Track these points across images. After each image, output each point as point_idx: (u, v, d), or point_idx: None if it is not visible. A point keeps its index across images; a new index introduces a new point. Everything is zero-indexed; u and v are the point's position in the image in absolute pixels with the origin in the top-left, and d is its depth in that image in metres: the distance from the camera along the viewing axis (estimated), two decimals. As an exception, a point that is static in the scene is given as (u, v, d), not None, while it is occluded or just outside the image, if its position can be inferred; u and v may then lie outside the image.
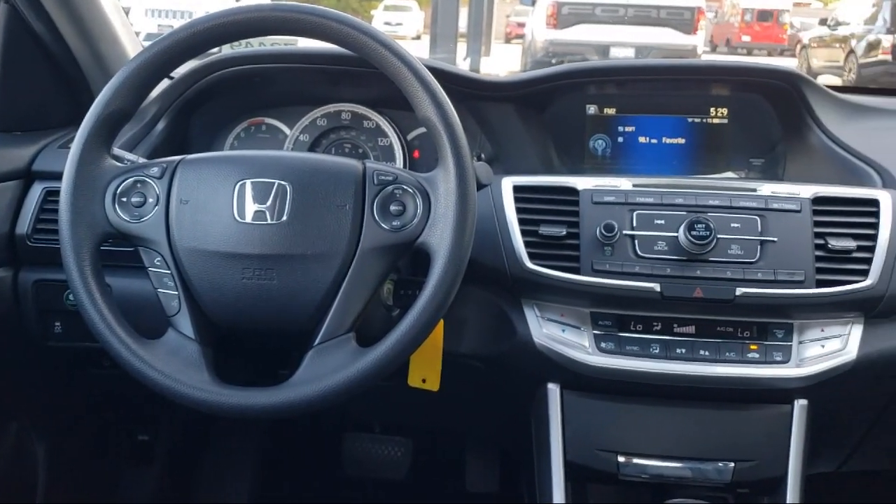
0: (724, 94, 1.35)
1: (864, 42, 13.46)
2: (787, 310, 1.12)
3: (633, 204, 1.15)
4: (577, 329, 1.17)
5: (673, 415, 1.20)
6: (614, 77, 1.36)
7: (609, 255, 1.12)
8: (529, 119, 1.35)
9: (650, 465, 1.20)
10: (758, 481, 1.19)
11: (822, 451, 1.31)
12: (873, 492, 1.70)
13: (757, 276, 1.09)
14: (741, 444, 1.19)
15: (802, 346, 1.13)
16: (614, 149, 1.37)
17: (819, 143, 1.29)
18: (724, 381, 1.13)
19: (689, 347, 1.14)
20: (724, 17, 20.95)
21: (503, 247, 1.15)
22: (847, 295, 1.09)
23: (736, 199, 1.14)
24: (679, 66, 1.37)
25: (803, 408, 1.17)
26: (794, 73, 1.30)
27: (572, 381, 1.19)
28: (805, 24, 19.28)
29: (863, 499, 1.71)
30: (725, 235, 1.11)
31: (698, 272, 1.10)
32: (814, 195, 1.13)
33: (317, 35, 1.01)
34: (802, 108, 1.30)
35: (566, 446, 1.20)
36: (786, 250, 1.10)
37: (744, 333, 1.14)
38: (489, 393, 1.37)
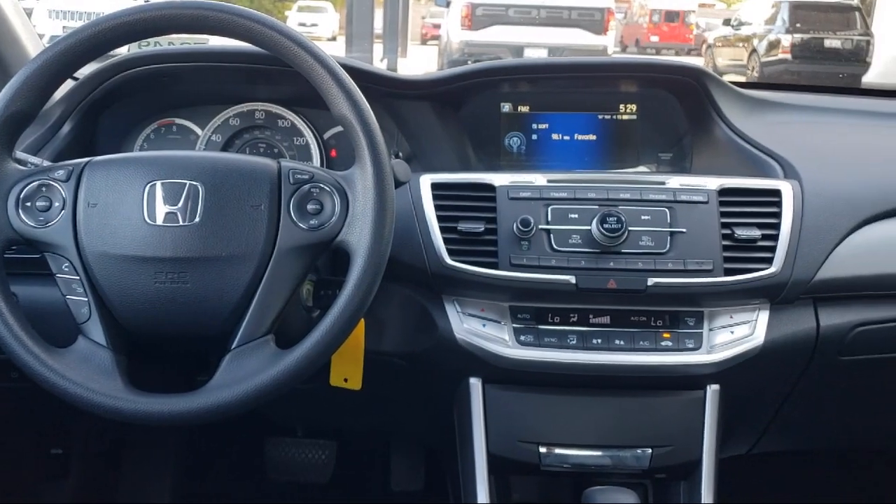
0: (632, 91, 1.38)
1: (765, 41, 14.02)
2: (697, 298, 1.15)
3: (548, 199, 1.17)
4: (497, 323, 1.18)
5: (591, 404, 1.22)
6: (527, 75, 1.38)
7: (526, 249, 1.14)
8: (446, 117, 1.36)
9: (571, 454, 1.22)
10: (674, 466, 1.23)
11: (735, 435, 1.36)
12: (782, 472, 1.78)
13: (667, 267, 1.13)
14: (657, 430, 1.22)
15: (713, 332, 1.17)
16: (529, 146, 1.39)
17: (724, 136, 1.33)
18: (639, 369, 1.16)
19: (604, 337, 1.17)
20: (633, 18, 21.48)
21: (423, 244, 1.15)
22: (753, 282, 1.13)
23: (646, 192, 1.17)
24: (589, 63, 1.40)
25: (715, 393, 1.21)
26: (698, 69, 1.34)
27: (493, 374, 1.21)
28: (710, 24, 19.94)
29: (773, 480, 1.78)
30: (636, 228, 1.14)
31: (611, 264, 1.13)
32: (720, 187, 1.17)
33: (227, 33, 0.99)
34: (707, 103, 1.34)
35: (489, 439, 1.22)
36: (694, 240, 1.14)
37: (657, 322, 1.17)
38: (412, 390, 1.38)
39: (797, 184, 1.19)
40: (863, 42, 13.45)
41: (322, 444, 1.85)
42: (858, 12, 14.07)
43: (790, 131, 1.37)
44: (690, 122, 1.36)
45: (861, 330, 1.22)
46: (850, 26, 13.60)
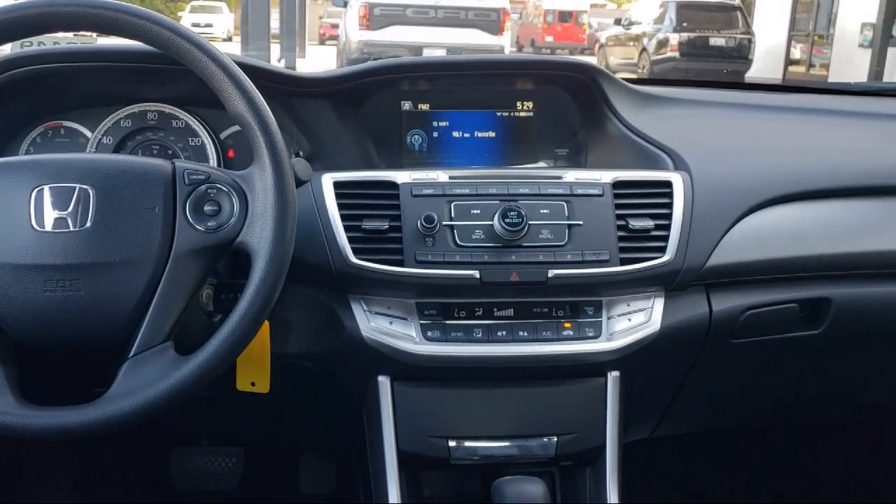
0: (528, 89, 1.41)
1: (654, 40, 14.52)
2: (595, 288, 1.19)
3: (451, 195, 1.18)
4: (404, 320, 1.19)
5: (498, 396, 1.24)
6: (426, 73, 1.39)
7: (430, 245, 1.15)
8: (346, 115, 1.36)
9: (480, 447, 1.23)
10: (579, 453, 1.26)
11: (636, 420, 1.41)
12: (681, 455, 1.85)
13: (567, 258, 1.15)
14: (562, 418, 1.25)
15: (611, 321, 1.21)
16: (430, 143, 1.40)
17: (616, 131, 1.37)
18: (543, 359, 1.19)
19: (509, 330, 1.19)
20: (529, 19, 21.88)
21: (327, 243, 1.14)
22: (648, 271, 1.17)
23: (544, 186, 1.20)
24: (486, 61, 1.42)
25: (616, 379, 1.25)
26: (591, 67, 1.38)
27: (402, 371, 1.21)
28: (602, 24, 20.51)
29: (673, 462, 1.85)
30: (536, 221, 1.16)
31: (514, 257, 1.15)
32: (614, 180, 1.21)
33: (115, 31, 0.96)
34: (600, 99, 1.38)
35: (398, 437, 1.22)
36: (591, 232, 1.17)
37: (558, 313, 1.20)
38: (320, 392, 1.37)
39: (686, 175, 1.24)
40: (745, 40, 14.12)
41: (229, 452, 1.82)
42: (740, 12, 14.76)
43: (679, 125, 1.42)
44: (584, 118, 1.40)
45: (750, 313, 1.28)
46: (732, 25, 14.24)
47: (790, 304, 1.30)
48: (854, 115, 1.59)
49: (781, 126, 1.52)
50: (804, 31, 15.78)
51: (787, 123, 1.53)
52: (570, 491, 1.32)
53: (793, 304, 1.30)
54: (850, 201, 1.33)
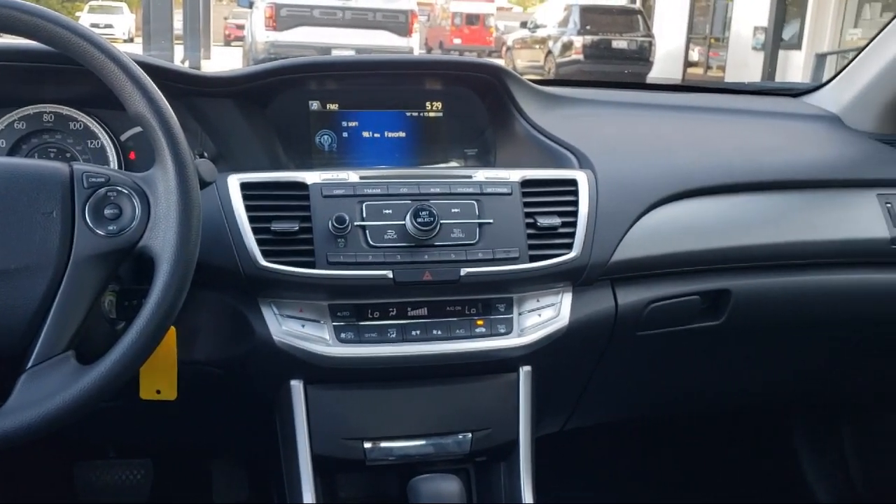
0: (437, 89, 1.42)
1: (559, 43, 14.83)
2: (506, 285, 1.20)
3: (362, 195, 1.17)
4: (316, 323, 1.17)
5: (413, 395, 1.25)
6: (333, 72, 1.38)
7: (342, 246, 1.14)
8: (252, 115, 1.33)
9: (395, 446, 1.23)
10: (493, 448, 1.27)
11: (548, 413, 1.43)
12: (593, 446, 1.90)
13: (478, 256, 1.17)
14: (477, 414, 1.26)
15: (522, 317, 1.23)
16: (340, 143, 1.39)
17: (523, 130, 1.39)
18: (457, 356, 1.20)
19: (423, 328, 1.19)
20: (437, 21, 21.99)
21: (234, 246, 1.12)
22: (556, 267, 1.20)
23: (454, 186, 1.20)
24: (394, 61, 1.42)
25: (528, 374, 1.27)
26: (497, 67, 1.40)
27: (315, 375, 1.20)
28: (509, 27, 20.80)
29: (585, 453, 1.90)
30: (448, 220, 1.17)
31: (426, 257, 1.15)
32: (522, 178, 1.23)
33: (9, 29, 0.92)
34: (507, 99, 1.40)
35: (312, 440, 1.21)
36: (501, 230, 1.19)
37: (471, 310, 1.21)
38: (231, 398, 1.34)
39: (591, 173, 1.27)
40: (645, 43, 14.58)
41: (137, 464, 1.76)
42: (641, 15, 15.23)
43: (583, 124, 1.45)
44: (492, 118, 1.42)
45: (654, 306, 1.32)
46: (634, 28, 14.68)
47: (692, 297, 1.34)
48: (748, 113, 1.66)
49: (681, 125, 1.57)
50: (701, 34, 16.42)
51: (687, 122, 1.59)
52: (485, 486, 1.33)
53: (694, 297, 1.35)
54: (747, 196, 1.39)
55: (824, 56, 11.09)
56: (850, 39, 12.18)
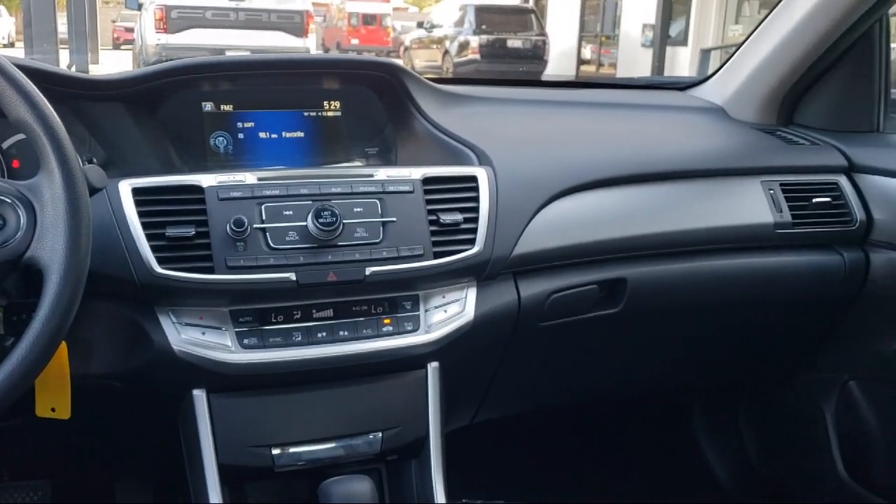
0: (334, 88, 1.41)
1: (456, 43, 14.96)
2: (412, 282, 1.21)
3: (261, 197, 1.15)
4: (217, 329, 1.15)
5: (321, 398, 1.23)
6: (227, 72, 1.35)
7: (242, 250, 1.11)
8: (142, 119, 1.29)
9: (304, 451, 1.22)
10: (404, 446, 1.28)
11: (457, 407, 1.44)
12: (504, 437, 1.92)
13: (382, 255, 1.16)
14: (386, 413, 1.26)
15: (428, 313, 1.23)
16: (236, 145, 1.36)
17: (423, 128, 1.40)
18: (365, 356, 1.19)
19: (329, 330, 1.18)
20: (333, 22, 21.80)
21: (128, 254, 1.08)
22: (460, 263, 1.21)
23: (356, 185, 1.20)
24: (289, 60, 1.40)
25: (435, 370, 1.27)
26: (394, 66, 1.40)
27: (218, 383, 1.17)
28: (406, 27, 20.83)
29: (496, 445, 1.92)
30: (351, 220, 1.16)
31: (330, 257, 1.14)
32: (423, 176, 1.23)
33: None
34: (405, 97, 1.40)
35: (218, 450, 1.18)
36: (405, 228, 1.19)
37: (377, 309, 1.21)
38: (131, 412, 1.29)
39: (490, 169, 1.28)
40: (539, 41, 14.88)
41: (34, 486, 1.68)
42: (534, 14, 15.52)
43: (482, 121, 1.47)
44: (391, 117, 1.42)
45: (555, 297, 1.35)
46: (527, 28, 14.95)
47: (590, 286, 1.38)
48: (639, 107, 1.72)
49: (576, 120, 1.61)
50: (593, 32, 16.85)
51: (581, 117, 1.63)
52: (396, 484, 1.33)
53: (593, 286, 1.38)
54: (640, 187, 1.43)
55: (709, 51, 11.59)
56: (732, 35, 12.76)
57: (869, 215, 1.52)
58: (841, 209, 1.52)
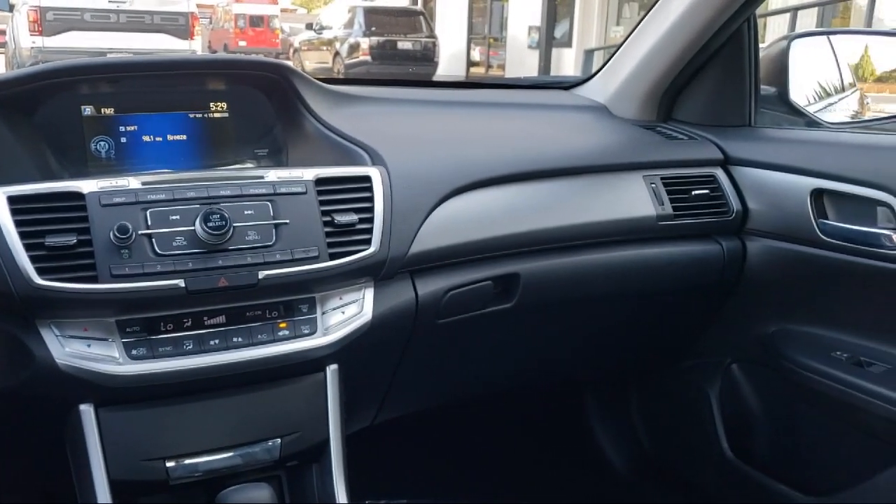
0: (221, 89, 1.38)
1: (346, 44, 14.88)
2: (307, 285, 1.19)
3: (146, 202, 1.11)
4: (104, 341, 1.10)
5: (217, 406, 1.20)
6: (106, 74, 1.30)
7: (127, 258, 1.08)
8: (17, 124, 1.23)
9: (201, 461, 1.19)
10: (304, 451, 1.26)
11: (357, 409, 1.44)
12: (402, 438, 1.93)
13: (276, 258, 1.15)
14: (285, 419, 1.24)
15: (326, 315, 1.22)
16: (119, 149, 1.31)
17: (313, 129, 1.39)
18: (260, 362, 1.17)
19: (222, 337, 1.15)
20: (220, 24, 21.29)
21: (4, 265, 1.03)
22: (356, 263, 1.20)
23: (246, 187, 1.18)
24: (172, 61, 1.36)
25: (335, 372, 1.27)
26: (283, 65, 1.38)
27: (107, 396, 1.13)
28: (294, 28, 20.56)
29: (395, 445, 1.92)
30: (241, 223, 1.14)
31: (220, 262, 1.12)
32: (315, 177, 1.22)
33: None
34: (294, 98, 1.38)
35: (108, 466, 1.14)
36: (298, 230, 1.17)
37: (272, 314, 1.19)
38: (13, 432, 1.23)
39: (384, 169, 1.28)
40: (429, 43, 14.97)
41: None
42: (423, 16, 15.59)
43: (374, 121, 1.47)
44: (281, 118, 1.40)
45: (452, 294, 1.36)
46: (417, 29, 15.02)
47: (485, 282, 1.40)
48: (527, 106, 1.75)
49: (466, 119, 1.63)
50: (481, 34, 17.10)
51: (472, 117, 1.65)
52: (298, 490, 1.32)
53: (487, 282, 1.40)
54: (530, 184, 1.47)
55: (592, 52, 11.97)
56: (613, 36, 13.21)
57: (744, 205, 1.60)
58: (718, 200, 1.59)
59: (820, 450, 1.58)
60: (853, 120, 2.02)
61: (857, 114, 2.09)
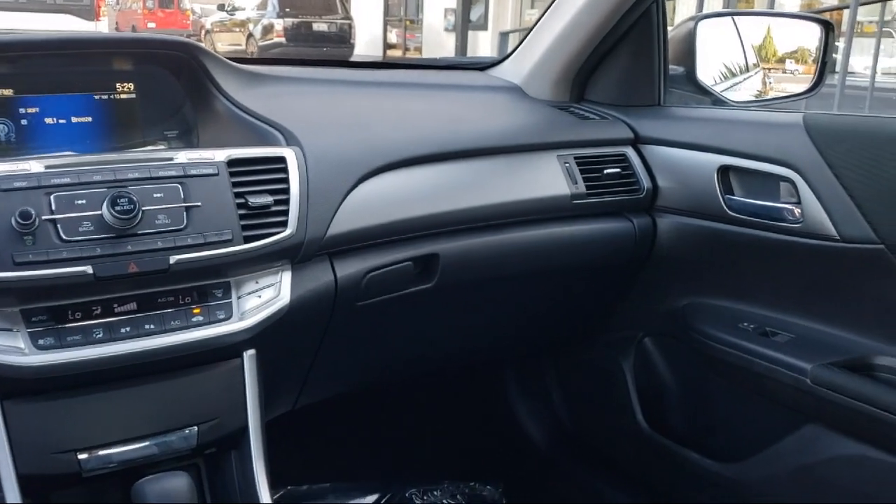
0: (127, 69, 1.33)
1: (260, 26, 14.60)
2: (221, 269, 1.17)
3: (49, 186, 1.07)
4: (7, 332, 1.06)
5: (131, 396, 1.17)
6: (3, 54, 1.24)
7: (30, 244, 1.03)
8: None
9: (115, 452, 1.16)
10: (222, 438, 1.24)
11: (277, 394, 1.42)
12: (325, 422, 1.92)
13: (187, 242, 1.12)
14: (201, 406, 1.22)
15: (241, 300, 1.20)
16: (19, 132, 1.26)
17: (225, 109, 1.36)
18: (174, 349, 1.15)
19: (133, 325, 1.12)
20: (127, 5, 20.59)
21: None
22: (272, 246, 1.18)
23: (155, 169, 1.14)
24: (76, 39, 1.30)
25: (252, 357, 1.25)
26: (191, 44, 1.34)
27: (12, 388, 1.09)
28: (206, 10, 20.06)
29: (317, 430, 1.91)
30: (151, 207, 1.11)
31: (129, 247, 1.09)
32: (228, 158, 1.19)
33: None
34: (204, 78, 1.35)
35: (17, 460, 1.09)
36: (211, 213, 1.15)
37: (185, 299, 1.16)
38: None
39: (299, 150, 1.26)
40: (345, 25, 14.82)
41: None
42: (337, -3, 15.38)
43: (288, 102, 1.45)
44: (191, 98, 1.36)
45: (371, 275, 1.36)
46: (332, 11, 14.84)
47: (405, 263, 1.40)
48: (443, 87, 1.76)
49: (384, 100, 1.62)
50: (397, 16, 17.00)
51: (389, 97, 1.64)
52: (217, 478, 1.30)
53: (407, 263, 1.41)
54: (448, 164, 1.47)
55: (507, 34, 12.05)
56: (528, 19, 13.34)
57: (654, 183, 1.64)
58: (629, 179, 1.63)
59: (730, 418, 1.65)
60: (757, 99, 2.09)
61: (761, 93, 2.16)
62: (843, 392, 1.32)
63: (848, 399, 1.31)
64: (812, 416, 1.41)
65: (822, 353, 1.40)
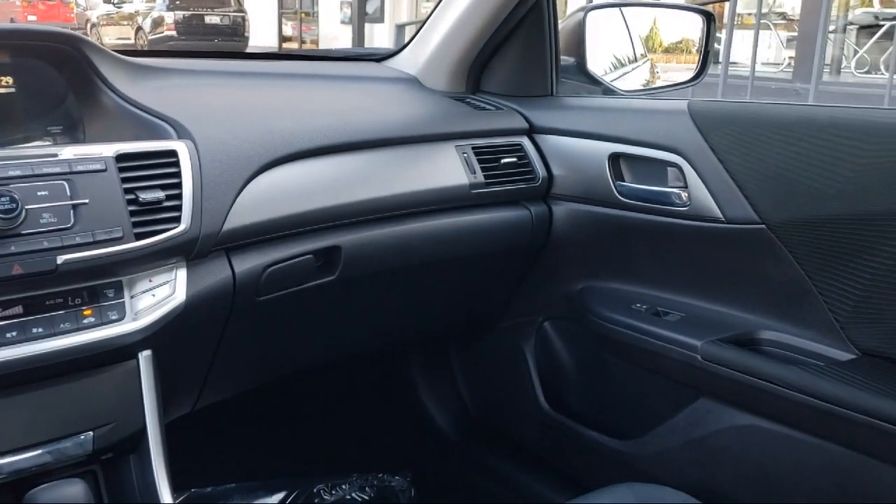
0: (5, 62, 1.27)
1: (149, 19, 14.12)
2: (112, 268, 1.13)
3: None
4: None
5: (20, 402, 1.12)
6: None
7: None
8: None
9: (4, 462, 1.10)
10: (119, 442, 1.20)
11: (177, 395, 1.39)
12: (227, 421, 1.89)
13: (75, 241, 1.08)
14: (97, 411, 1.18)
15: (135, 299, 1.17)
16: None
17: (112, 103, 1.31)
18: (65, 352, 1.10)
19: (20, 329, 1.07)
20: (5, -4, 19.55)
21: None
22: (165, 242, 1.15)
23: (38, 166, 1.10)
24: None
25: (148, 359, 1.21)
26: (74, 36, 1.29)
27: None
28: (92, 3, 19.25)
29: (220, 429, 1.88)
30: (34, 205, 1.06)
31: (13, 248, 1.04)
32: (116, 153, 1.16)
33: None
34: (89, 70, 1.30)
35: None
36: (100, 210, 1.11)
37: (75, 301, 1.12)
38: None
39: (191, 143, 1.23)
40: (238, 18, 14.51)
41: None
42: (230, -9, 15.04)
43: (179, 94, 1.41)
44: (75, 92, 1.31)
45: (271, 270, 1.34)
46: (225, 3, 14.48)
47: (306, 256, 1.39)
48: (339, 78, 1.75)
49: (279, 91, 1.60)
50: (292, 9, 16.75)
51: (284, 89, 1.62)
52: (116, 483, 1.26)
53: (308, 256, 1.39)
54: (346, 156, 1.46)
55: (403, 26, 12.04)
56: (424, 12, 13.36)
57: (549, 172, 1.68)
58: (526, 167, 1.67)
59: (627, 396, 1.71)
60: (645, 88, 2.17)
61: (649, 82, 2.24)
62: (732, 366, 1.39)
63: (736, 373, 1.38)
64: (703, 390, 1.48)
65: (711, 330, 1.46)
